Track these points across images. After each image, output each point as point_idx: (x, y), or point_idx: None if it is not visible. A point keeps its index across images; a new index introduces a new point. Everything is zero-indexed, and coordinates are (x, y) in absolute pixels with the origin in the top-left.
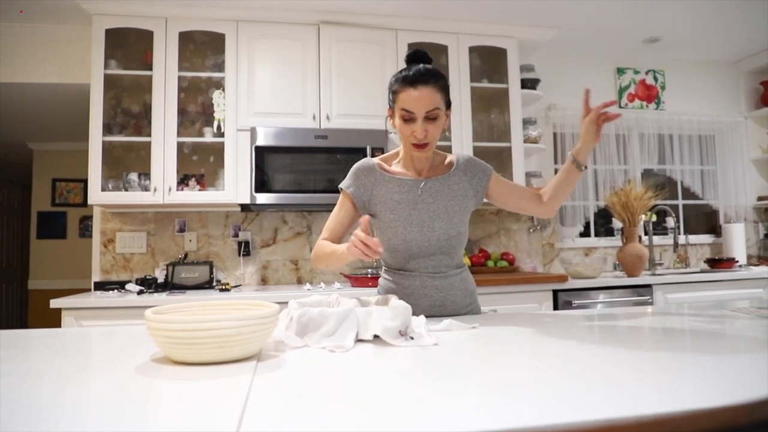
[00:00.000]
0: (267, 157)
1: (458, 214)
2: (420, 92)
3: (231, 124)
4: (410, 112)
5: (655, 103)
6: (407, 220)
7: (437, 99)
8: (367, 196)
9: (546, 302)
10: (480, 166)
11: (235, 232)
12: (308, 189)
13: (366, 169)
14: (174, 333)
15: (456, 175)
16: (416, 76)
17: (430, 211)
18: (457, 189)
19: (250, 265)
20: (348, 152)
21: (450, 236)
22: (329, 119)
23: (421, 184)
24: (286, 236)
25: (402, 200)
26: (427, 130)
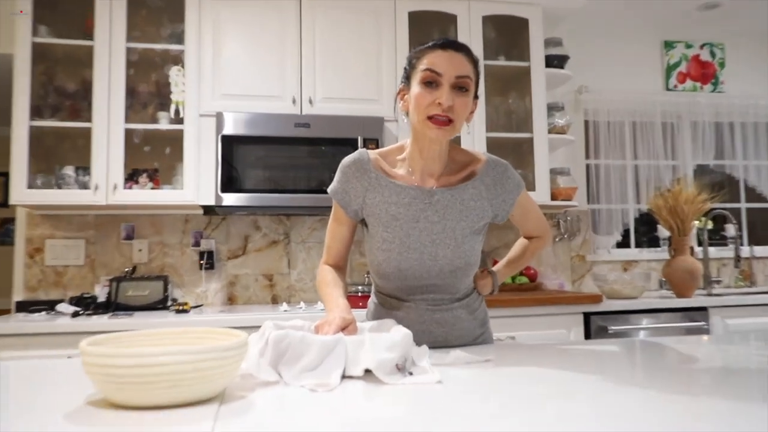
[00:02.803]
0: (236, 149)
1: (469, 239)
2: (451, 54)
3: (192, 108)
4: (436, 72)
5: (711, 85)
6: (404, 243)
7: (469, 69)
8: (358, 203)
9: (575, 328)
10: (510, 182)
11: (195, 240)
12: (286, 188)
13: (358, 168)
14: (115, 369)
15: (476, 188)
16: (447, 41)
17: (433, 233)
18: (473, 207)
19: (214, 280)
20: (334, 144)
21: (456, 267)
22: (312, 104)
23: (429, 194)
24: (259, 245)
25: (400, 215)
26: (454, 101)
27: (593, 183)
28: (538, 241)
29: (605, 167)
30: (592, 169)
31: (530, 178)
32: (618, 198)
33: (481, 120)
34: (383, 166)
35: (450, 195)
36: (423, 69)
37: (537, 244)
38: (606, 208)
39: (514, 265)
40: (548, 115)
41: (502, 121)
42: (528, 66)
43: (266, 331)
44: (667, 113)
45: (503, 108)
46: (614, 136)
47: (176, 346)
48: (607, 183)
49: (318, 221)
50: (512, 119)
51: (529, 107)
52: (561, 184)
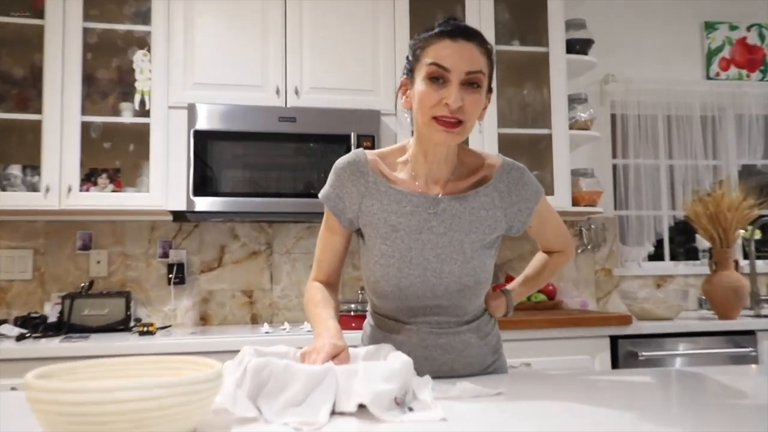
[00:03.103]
0: (211, 147)
1: (480, 254)
2: (461, 46)
3: (160, 98)
4: (443, 67)
5: (760, 72)
6: (404, 258)
7: (482, 63)
8: (353, 211)
9: (601, 354)
10: (528, 189)
11: (164, 251)
12: (269, 191)
13: (354, 171)
14: (67, 407)
15: (488, 195)
16: (456, 28)
17: (439, 247)
18: (484, 217)
19: (185, 297)
20: (324, 141)
21: (464, 286)
22: (298, 95)
23: (434, 202)
24: (237, 256)
25: (401, 225)
26: (464, 101)
27: (621, 186)
28: (560, 256)
29: (635, 168)
30: (620, 169)
31: (548, 181)
32: (650, 203)
33: (492, 114)
34: (382, 169)
35: (458, 203)
36: (429, 63)
37: (558, 260)
38: (636, 215)
39: (531, 284)
40: (569, 109)
41: (516, 115)
42: (546, 52)
43: (245, 358)
44: (707, 105)
45: (517, 100)
46: (646, 132)
47: (138, 380)
48: (638, 186)
49: (305, 229)
50: (528, 113)
51: (548, 99)
52: (584, 188)
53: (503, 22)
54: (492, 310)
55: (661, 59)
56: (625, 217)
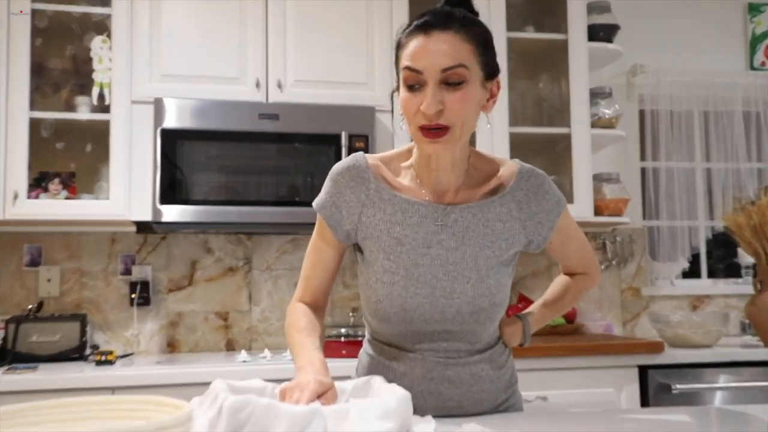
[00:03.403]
0: (181, 148)
1: (496, 272)
2: (434, 39)
3: (122, 92)
4: (415, 70)
5: None
6: (410, 275)
7: (463, 53)
8: (351, 222)
9: (628, 387)
10: (549, 199)
11: (125, 267)
12: (247, 199)
13: (353, 176)
14: None
15: (504, 205)
16: (431, 17)
17: (449, 263)
18: (500, 230)
19: (150, 320)
20: (311, 141)
21: (479, 308)
22: (282, 88)
23: (444, 212)
24: (210, 273)
25: (407, 238)
26: (445, 102)
27: (651, 193)
28: (584, 279)
29: (667, 171)
30: (650, 174)
31: (567, 187)
32: (684, 212)
33: (503, 110)
34: (385, 175)
35: (471, 213)
36: (403, 66)
37: (582, 284)
38: (668, 226)
39: (551, 310)
40: (591, 104)
41: (531, 111)
42: (565, 39)
43: (219, 396)
44: (750, 100)
45: (532, 94)
46: (679, 131)
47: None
48: (670, 193)
49: (289, 242)
50: (543, 109)
51: (567, 93)
52: (608, 195)
53: (515, 6)
54: (506, 338)
55: (698, 47)
56: (656, 228)
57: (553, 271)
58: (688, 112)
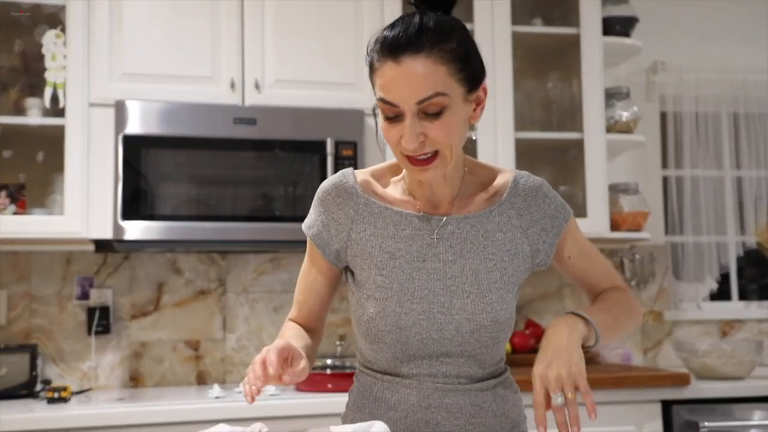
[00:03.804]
0: (146, 156)
1: (498, 287)
2: (405, 68)
3: (78, 93)
4: (390, 103)
5: None
6: (405, 290)
7: (438, 78)
8: (340, 241)
9: (650, 424)
10: (551, 203)
11: (82, 291)
12: (221, 214)
13: (340, 192)
14: None
15: (504, 214)
16: (399, 38)
17: (447, 277)
18: (501, 240)
19: (111, 350)
20: (293, 148)
21: (479, 326)
22: (260, 89)
23: (440, 224)
24: (179, 297)
25: (400, 251)
26: (426, 132)
27: (674, 205)
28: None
29: (692, 181)
30: (672, 183)
31: (579, 199)
32: (712, 226)
33: (507, 114)
34: (375, 189)
35: (469, 224)
36: (378, 97)
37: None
38: (694, 242)
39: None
40: (607, 106)
41: (538, 114)
42: (577, 33)
43: None
44: None
45: (540, 96)
46: (706, 135)
47: None
48: (696, 204)
49: (268, 261)
50: (553, 112)
51: (579, 94)
52: (626, 207)
53: None
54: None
55: (726, 41)
56: (680, 244)
57: (565, 292)
58: (715, 114)
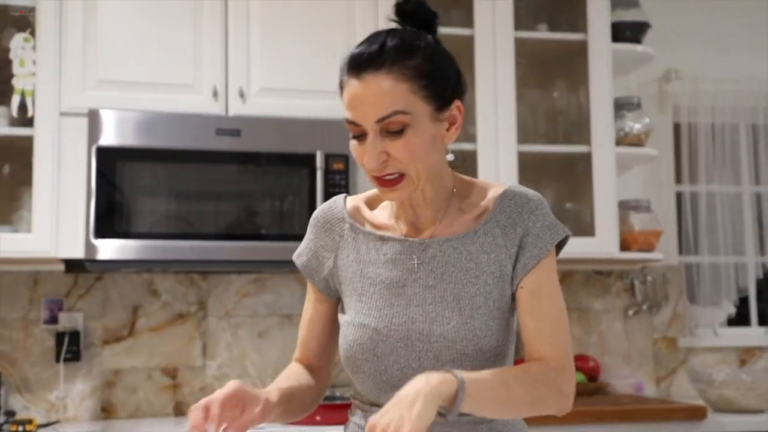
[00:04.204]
0: (121, 170)
1: (483, 312)
2: (367, 85)
3: (48, 101)
4: (353, 123)
5: None
6: (383, 316)
7: (398, 96)
8: (327, 269)
9: None
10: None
11: (51, 315)
12: (202, 232)
13: (328, 219)
14: None
15: (488, 233)
16: (362, 55)
17: (427, 303)
18: (486, 263)
19: (80, 379)
20: (279, 162)
21: (461, 354)
22: (244, 98)
23: (421, 247)
24: (155, 321)
25: (380, 276)
26: (388, 151)
27: (688, 223)
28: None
29: (708, 197)
30: (687, 200)
31: (587, 217)
32: (729, 246)
33: (510, 126)
34: (363, 214)
35: (451, 247)
36: (345, 116)
37: (547, 379)
38: (710, 263)
39: (498, 377)
40: (616, 117)
41: (543, 126)
42: (584, 39)
43: None
44: None
45: (545, 106)
46: (723, 148)
47: None
48: (712, 222)
49: (252, 282)
50: (559, 123)
51: (586, 105)
52: (636, 226)
53: (525, 1)
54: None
55: (744, 48)
56: (695, 265)
57: (571, 316)
58: (732, 125)
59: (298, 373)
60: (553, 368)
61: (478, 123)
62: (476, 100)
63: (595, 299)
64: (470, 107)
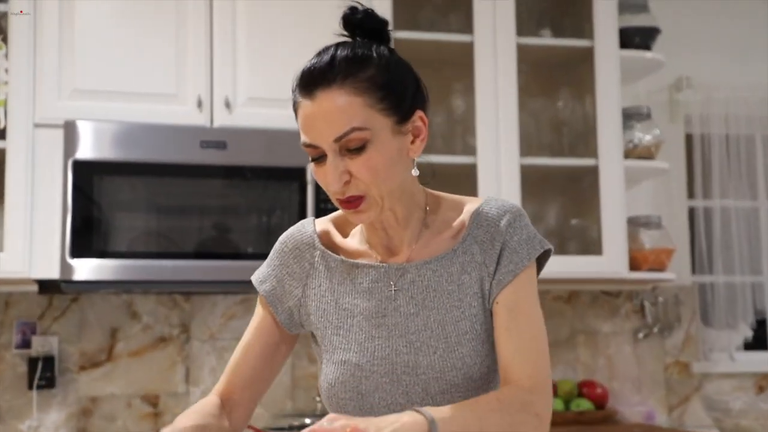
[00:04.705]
0: (99, 185)
1: (470, 339)
2: (320, 104)
3: (22, 112)
4: (310, 145)
5: None
6: (364, 350)
7: (354, 111)
8: (294, 298)
9: None
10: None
11: (23, 339)
12: (185, 251)
13: (297, 244)
14: None
15: (467, 252)
16: (312, 71)
17: (410, 333)
18: (468, 283)
19: (56, 407)
20: (267, 176)
21: (450, 385)
22: (230, 108)
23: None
24: (135, 345)
25: (357, 308)
26: (350, 170)
27: (702, 240)
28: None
29: (722, 212)
30: (700, 215)
31: (594, 234)
32: (746, 265)
33: (511, 137)
34: (334, 239)
35: (430, 270)
36: (301, 140)
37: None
38: (725, 283)
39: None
40: (625, 127)
41: (547, 137)
42: (590, 46)
43: None
44: None
45: (548, 116)
46: (738, 160)
47: None
48: (727, 239)
49: (238, 304)
50: (564, 135)
51: (593, 114)
52: (646, 244)
53: (528, 4)
54: None
55: (758, 55)
56: (709, 285)
57: (578, 340)
58: (748, 136)
59: (205, 413)
60: (528, 390)
61: (478, 134)
62: (476, 110)
63: (602, 321)
64: (470, 117)
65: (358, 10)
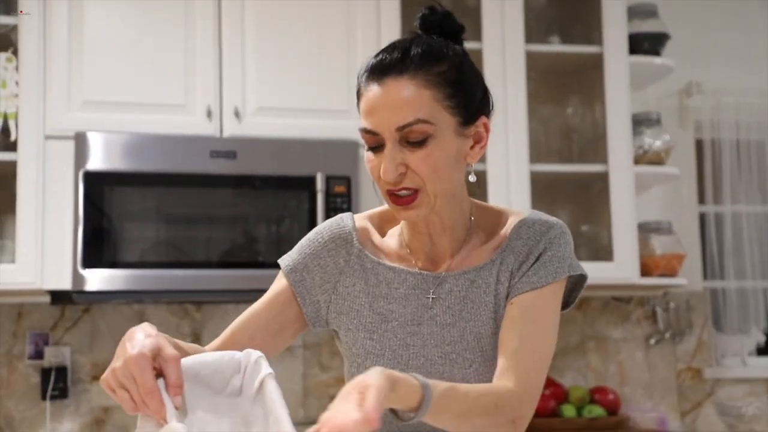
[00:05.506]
0: (110, 196)
1: None
2: (388, 91)
3: (32, 124)
4: (371, 132)
5: None
6: (398, 358)
7: (422, 103)
8: (324, 294)
9: None
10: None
11: (36, 350)
12: (196, 260)
13: (335, 238)
14: None
15: (505, 263)
16: (384, 60)
17: (445, 344)
18: (502, 293)
19: (68, 418)
20: (277, 185)
21: None
22: (240, 118)
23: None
24: None
25: (393, 314)
26: (408, 163)
27: (713, 245)
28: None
29: (733, 218)
30: (711, 221)
31: (604, 240)
32: (757, 270)
33: (521, 144)
34: (372, 239)
35: (468, 281)
36: (360, 127)
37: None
38: (737, 288)
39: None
40: (635, 133)
41: (557, 144)
42: (600, 52)
43: None
44: None
45: (558, 123)
46: (749, 166)
47: None
48: (738, 245)
49: None
50: (573, 141)
51: (602, 121)
52: (657, 249)
53: (537, 11)
54: None
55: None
56: (721, 291)
57: (589, 346)
58: (758, 141)
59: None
60: (518, 396)
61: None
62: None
63: (613, 327)
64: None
65: (437, 11)
